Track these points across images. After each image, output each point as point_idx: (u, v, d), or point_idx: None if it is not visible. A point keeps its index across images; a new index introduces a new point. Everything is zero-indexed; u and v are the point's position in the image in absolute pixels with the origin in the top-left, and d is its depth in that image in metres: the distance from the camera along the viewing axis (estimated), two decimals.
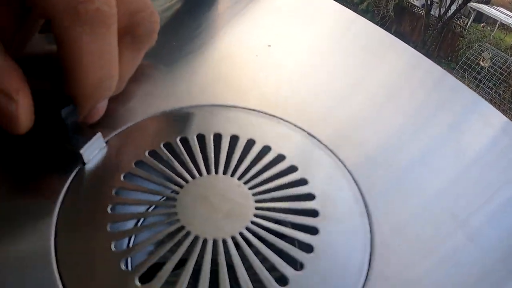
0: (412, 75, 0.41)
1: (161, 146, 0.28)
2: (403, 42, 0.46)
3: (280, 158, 0.28)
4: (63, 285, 0.20)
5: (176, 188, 0.25)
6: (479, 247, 0.26)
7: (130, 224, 0.26)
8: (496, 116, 0.37)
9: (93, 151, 0.27)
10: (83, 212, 0.24)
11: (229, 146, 0.28)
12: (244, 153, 0.28)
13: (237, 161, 0.27)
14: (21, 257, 0.21)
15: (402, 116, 0.35)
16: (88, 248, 0.22)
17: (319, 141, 0.30)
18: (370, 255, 0.24)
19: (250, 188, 0.26)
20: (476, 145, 0.34)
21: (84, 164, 0.26)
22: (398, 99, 0.37)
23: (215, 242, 0.23)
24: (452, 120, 0.36)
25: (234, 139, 0.29)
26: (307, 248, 0.24)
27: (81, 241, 0.22)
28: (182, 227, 0.23)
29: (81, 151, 0.26)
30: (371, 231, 0.25)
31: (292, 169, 0.28)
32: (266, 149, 0.29)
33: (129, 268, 0.22)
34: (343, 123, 0.33)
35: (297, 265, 0.23)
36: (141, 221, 0.27)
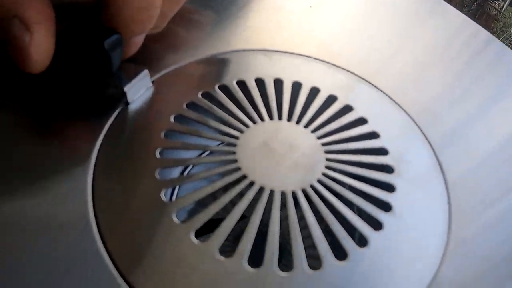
0: (459, 36, 0.37)
1: (216, 88, 0.24)
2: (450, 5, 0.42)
3: (347, 108, 0.25)
4: (101, 237, 0.18)
5: (235, 133, 0.22)
6: None
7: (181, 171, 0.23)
8: None
9: (139, 90, 0.24)
10: (126, 157, 0.21)
11: (291, 92, 0.25)
12: (308, 101, 0.25)
13: (302, 108, 0.24)
14: (57, 203, 0.19)
15: (452, 75, 0.31)
16: (134, 198, 0.19)
17: (384, 93, 0.27)
18: (449, 216, 0.21)
19: (319, 138, 0.23)
20: None
21: (127, 104, 0.23)
22: (446, 58, 0.32)
23: (283, 195, 0.20)
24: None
25: (296, 86, 0.25)
26: (385, 206, 0.21)
27: (124, 189, 0.19)
28: (244, 176, 0.20)
29: (125, 89, 0.23)
30: (447, 192, 0.22)
31: (362, 121, 0.24)
32: (331, 99, 0.25)
33: (183, 221, 0.19)
34: (402, 75, 0.29)
35: (376, 225, 0.20)
36: (193, 168, 0.24)
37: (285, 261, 0.19)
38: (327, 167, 0.21)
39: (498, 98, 0.29)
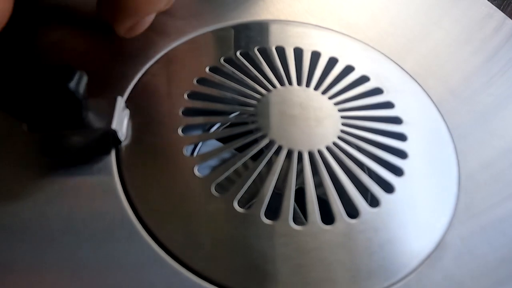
0: (486, 24, 0.37)
1: (238, 54, 0.25)
2: None
3: (364, 79, 0.26)
4: (124, 188, 0.19)
5: (257, 95, 0.23)
6: None
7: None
8: None
9: (123, 122, 0.21)
10: (151, 115, 0.22)
11: (310, 61, 0.26)
12: (327, 70, 0.25)
13: (320, 76, 0.25)
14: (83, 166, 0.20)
15: (478, 59, 0.31)
16: (157, 153, 0.20)
17: (402, 68, 0.27)
18: (458, 188, 0.22)
19: (336, 104, 0.23)
20: None
21: (120, 143, 0.20)
22: (473, 42, 0.33)
23: (300, 154, 0.21)
24: None
25: (315, 55, 0.26)
26: (398, 171, 0.21)
27: (148, 145, 0.20)
28: (264, 135, 0.21)
29: (113, 126, 0.19)
30: (458, 165, 0.23)
31: (378, 91, 0.25)
32: (349, 69, 0.26)
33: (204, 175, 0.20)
34: (424, 55, 0.29)
35: (388, 188, 0.21)
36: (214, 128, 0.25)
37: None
38: (342, 131, 0.22)
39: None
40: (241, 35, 0.27)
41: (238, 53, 0.25)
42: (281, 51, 0.26)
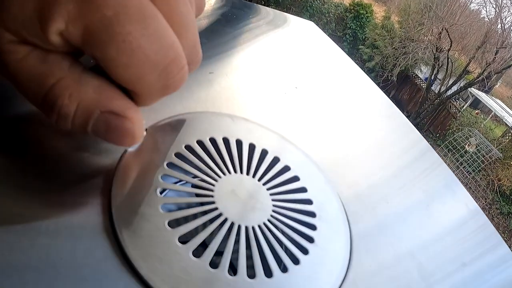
0: (400, 142, 0.49)
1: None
2: (399, 110, 0.54)
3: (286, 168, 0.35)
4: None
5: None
6: None
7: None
8: (469, 201, 0.44)
9: None
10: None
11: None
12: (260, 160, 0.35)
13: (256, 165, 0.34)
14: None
15: (387, 172, 0.42)
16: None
17: (317, 165, 0.37)
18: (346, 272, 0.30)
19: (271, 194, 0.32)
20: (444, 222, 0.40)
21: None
22: (386, 157, 0.44)
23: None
24: (425, 194, 0.42)
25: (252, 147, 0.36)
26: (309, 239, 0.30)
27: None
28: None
29: None
30: (350, 253, 0.32)
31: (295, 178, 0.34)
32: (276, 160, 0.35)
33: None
34: (340, 160, 0.40)
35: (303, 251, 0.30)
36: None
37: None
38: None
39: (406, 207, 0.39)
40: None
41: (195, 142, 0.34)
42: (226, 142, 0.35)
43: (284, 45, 0.57)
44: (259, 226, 0.29)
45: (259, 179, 0.33)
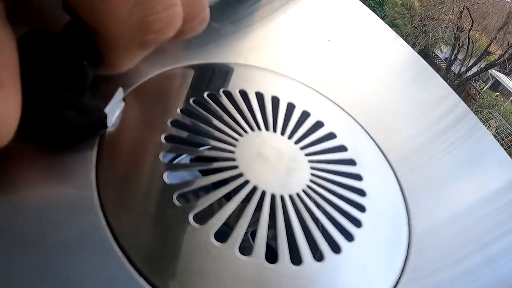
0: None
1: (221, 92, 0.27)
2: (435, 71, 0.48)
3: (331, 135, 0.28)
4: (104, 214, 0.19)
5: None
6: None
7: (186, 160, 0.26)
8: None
9: (115, 112, 0.22)
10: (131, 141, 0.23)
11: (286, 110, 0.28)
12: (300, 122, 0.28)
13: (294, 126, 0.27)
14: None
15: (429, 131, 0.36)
16: (137, 177, 0.21)
17: (362, 127, 0.30)
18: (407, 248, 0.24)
19: (307, 154, 0.26)
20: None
21: (106, 127, 0.21)
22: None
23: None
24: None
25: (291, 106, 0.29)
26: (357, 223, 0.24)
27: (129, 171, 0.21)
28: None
29: (106, 110, 0.21)
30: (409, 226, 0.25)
31: (343, 148, 0.28)
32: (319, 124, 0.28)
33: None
34: (382, 118, 0.33)
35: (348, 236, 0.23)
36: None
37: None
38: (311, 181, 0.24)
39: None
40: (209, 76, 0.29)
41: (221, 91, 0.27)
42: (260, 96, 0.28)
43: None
44: (298, 195, 0.23)
45: (289, 137, 0.26)
